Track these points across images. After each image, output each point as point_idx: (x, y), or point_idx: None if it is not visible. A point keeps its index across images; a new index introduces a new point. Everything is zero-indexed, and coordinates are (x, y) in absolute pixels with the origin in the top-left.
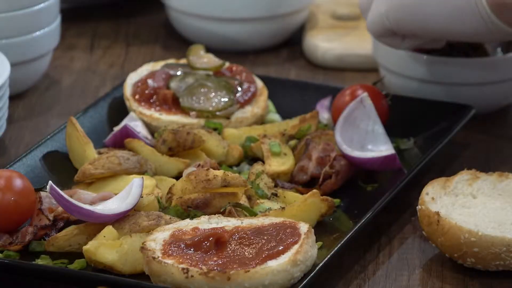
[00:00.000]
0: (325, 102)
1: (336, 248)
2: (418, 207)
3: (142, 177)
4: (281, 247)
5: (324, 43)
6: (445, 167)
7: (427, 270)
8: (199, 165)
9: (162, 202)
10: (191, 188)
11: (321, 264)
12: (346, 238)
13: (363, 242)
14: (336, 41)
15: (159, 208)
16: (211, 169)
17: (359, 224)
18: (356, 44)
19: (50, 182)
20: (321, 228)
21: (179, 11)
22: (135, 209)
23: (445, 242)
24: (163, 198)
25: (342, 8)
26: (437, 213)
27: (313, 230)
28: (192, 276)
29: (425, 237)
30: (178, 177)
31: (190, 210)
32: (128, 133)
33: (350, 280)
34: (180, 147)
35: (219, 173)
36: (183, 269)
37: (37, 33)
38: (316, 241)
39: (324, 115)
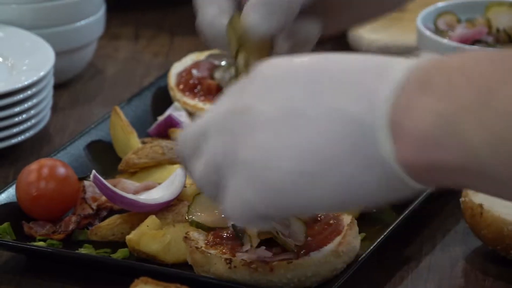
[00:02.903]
0: None
1: (379, 240)
2: (461, 199)
3: None
4: (323, 238)
5: (369, 34)
6: None
7: (470, 262)
8: None
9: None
10: None
11: (363, 256)
12: (389, 229)
13: (406, 234)
14: (381, 32)
15: None
16: None
17: (402, 216)
18: (401, 35)
19: (93, 171)
20: (364, 219)
21: None
22: (178, 199)
23: (488, 234)
24: None
25: None
26: (480, 205)
27: (356, 221)
28: (235, 266)
29: (468, 229)
30: None
31: None
32: (172, 122)
33: (393, 271)
34: None
35: None
36: (226, 259)
37: (82, 22)
38: (359, 233)
39: None
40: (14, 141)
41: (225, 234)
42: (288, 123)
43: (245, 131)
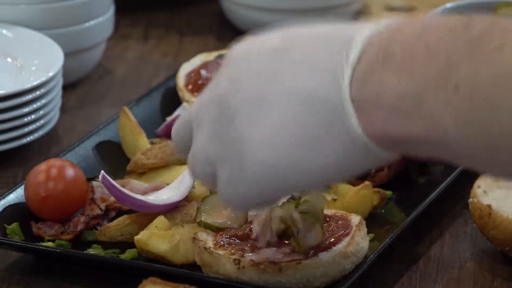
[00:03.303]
0: None
1: (387, 240)
2: (470, 200)
3: None
4: (332, 239)
5: None
6: None
7: (478, 263)
8: None
9: (214, 193)
10: None
11: (372, 256)
12: (397, 230)
13: (415, 235)
14: None
15: None
16: None
17: (410, 217)
18: None
19: (102, 171)
20: (372, 220)
21: (233, 1)
22: (187, 200)
23: (497, 235)
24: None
25: (396, 0)
26: (489, 206)
27: (364, 222)
28: (243, 267)
29: (477, 230)
30: None
31: None
32: None
33: (401, 272)
34: None
35: None
36: (234, 260)
37: (91, 22)
38: (368, 233)
39: None
40: (23, 141)
41: (234, 235)
42: (257, 111)
43: (223, 122)
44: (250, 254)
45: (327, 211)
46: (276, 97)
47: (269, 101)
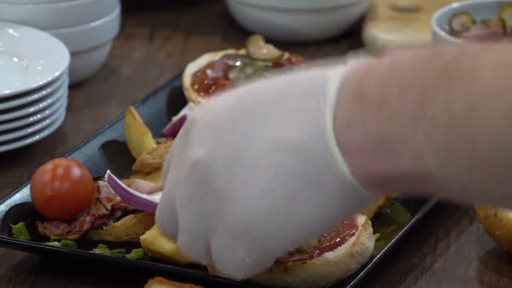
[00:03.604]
0: None
1: (393, 240)
2: None
3: None
4: (338, 239)
5: (383, 35)
6: None
7: (484, 263)
8: None
9: None
10: None
11: (378, 256)
12: (403, 230)
13: (421, 234)
14: (396, 33)
15: None
16: None
17: (416, 217)
18: (416, 36)
19: (108, 171)
20: (378, 220)
21: (239, 1)
22: None
23: (503, 235)
24: None
25: (402, 0)
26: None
27: (370, 222)
28: None
29: (483, 230)
30: None
31: None
32: None
33: (407, 272)
34: None
35: None
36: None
37: (97, 22)
38: (374, 233)
39: None
40: (28, 141)
41: None
42: (238, 172)
43: (203, 192)
44: None
45: None
46: (257, 152)
47: (249, 158)
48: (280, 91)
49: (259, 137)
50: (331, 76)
